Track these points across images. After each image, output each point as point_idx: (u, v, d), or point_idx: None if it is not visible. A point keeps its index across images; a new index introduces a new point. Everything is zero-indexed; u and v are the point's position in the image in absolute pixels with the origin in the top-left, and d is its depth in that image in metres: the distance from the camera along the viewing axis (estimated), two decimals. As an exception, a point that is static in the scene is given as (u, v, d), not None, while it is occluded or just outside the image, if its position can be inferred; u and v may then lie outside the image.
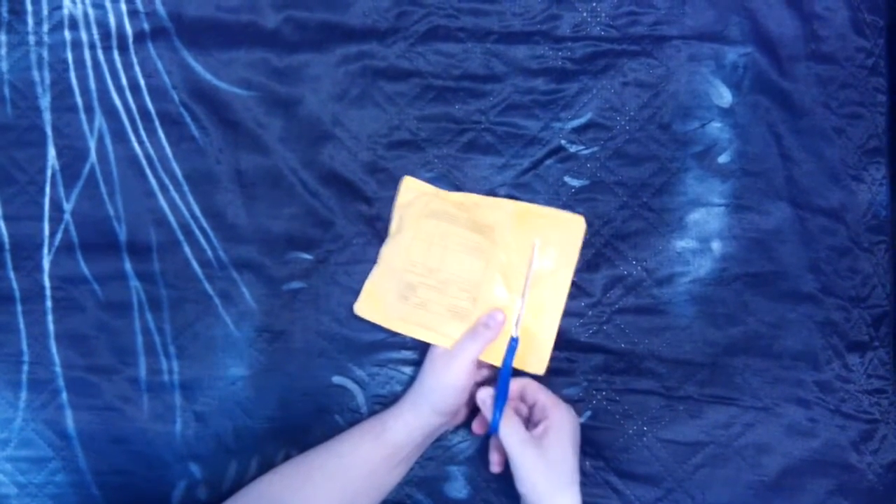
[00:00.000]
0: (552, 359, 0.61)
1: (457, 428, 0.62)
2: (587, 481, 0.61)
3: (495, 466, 0.59)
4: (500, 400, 0.55)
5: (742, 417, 0.62)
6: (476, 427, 0.60)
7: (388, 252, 0.62)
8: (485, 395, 0.56)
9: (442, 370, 0.56)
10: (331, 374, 0.63)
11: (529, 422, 0.58)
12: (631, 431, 0.62)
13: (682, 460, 0.61)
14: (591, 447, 0.62)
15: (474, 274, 0.60)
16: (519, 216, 0.62)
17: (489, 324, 0.58)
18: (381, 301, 0.62)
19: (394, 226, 0.63)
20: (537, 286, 0.61)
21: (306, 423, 0.62)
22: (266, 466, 0.61)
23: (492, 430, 0.55)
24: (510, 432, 0.54)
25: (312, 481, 0.55)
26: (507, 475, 0.61)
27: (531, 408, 0.58)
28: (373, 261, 0.63)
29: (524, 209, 0.63)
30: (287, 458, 0.61)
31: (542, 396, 0.57)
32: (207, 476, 0.62)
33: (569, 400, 0.60)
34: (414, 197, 0.63)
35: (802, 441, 0.61)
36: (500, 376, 0.57)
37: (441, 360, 0.57)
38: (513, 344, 0.59)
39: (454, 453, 0.62)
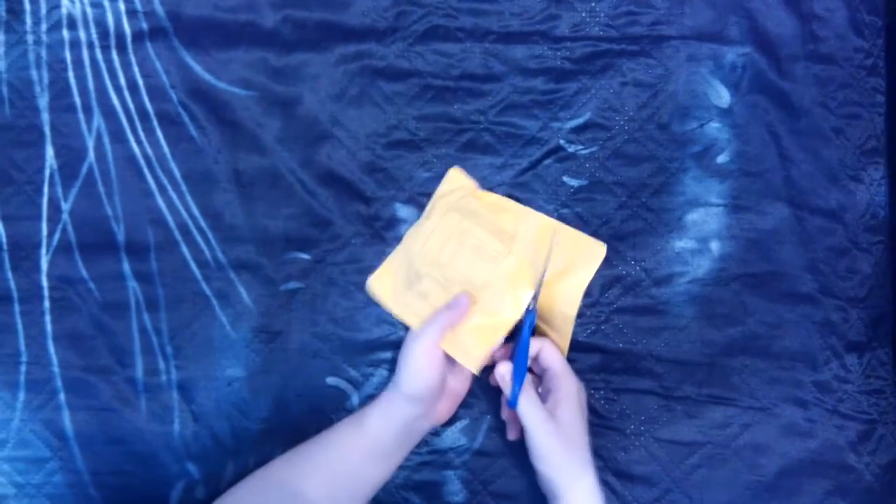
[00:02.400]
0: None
1: (450, 431, 0.62)
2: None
3: (512, 434, 0.59)
4: (519, 375, 0.55)
5: (740, 418, 0.62)
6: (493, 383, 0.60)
7: (409, 235, 0.63)
8: (504, 371, 0.56)
9: (406, 354, 0.55)
10: (325, 375, 0.63)
11: (539, 385, 0.58)
12: (628, 431, 0.62)
13: (679, 460, 0.61)
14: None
15: (479, 277, 0.59)
16: (543, 231, 0.61)
17: (451, 305, 0.57)
18: (390, 282, 0.62)
19: (425, 211, 0.63)
20: (551, 285, 0.60)
21: (302, 424, 0.62)
22: (264, 466, 0.61)
23: (510, 404, 0.55)
24: (529, 409, 0.54)
25: (301, 474, 0.55)
26: (504, 478, 0.62)
27: (543, 371, 0.58)
28: (372, 261, 0.63)
29: (551, 225, 0.62)
30: (284, 458, 0.61)
31: (557, 365, 0.57)
32: (205, 476, 0.62)
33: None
34: (452, 189, 0.63)
35: (800, 441, 0.61)
36: (517, 351, 0.57)
37: (406, 346, 0.56)
38: (530, 317, 0.58)
39: (450, 458, 0.62)
